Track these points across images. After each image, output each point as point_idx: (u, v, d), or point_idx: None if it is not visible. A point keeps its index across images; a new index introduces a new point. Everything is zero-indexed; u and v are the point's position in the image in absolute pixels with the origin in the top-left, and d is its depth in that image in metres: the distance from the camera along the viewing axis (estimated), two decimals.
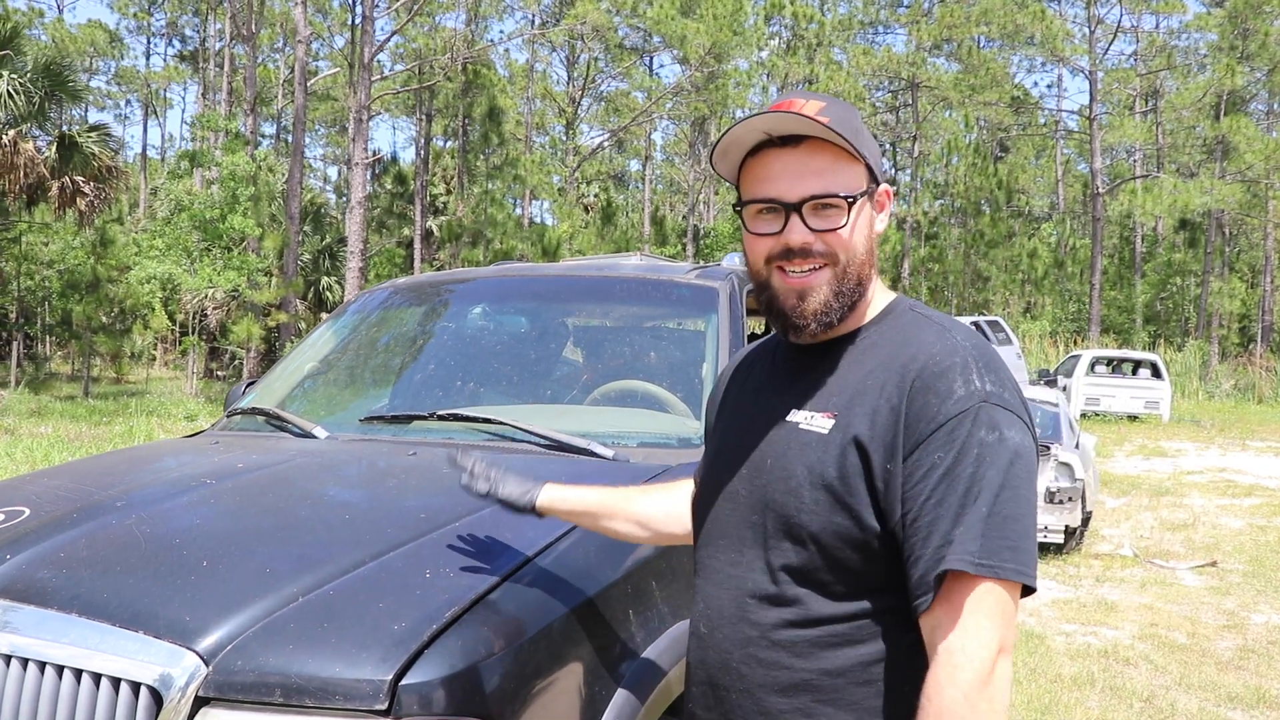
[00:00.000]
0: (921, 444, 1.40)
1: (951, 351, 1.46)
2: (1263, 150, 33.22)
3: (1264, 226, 40.91)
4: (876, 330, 1.57)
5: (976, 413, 1.40)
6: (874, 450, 1.43)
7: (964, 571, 1.34)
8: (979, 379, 1.43)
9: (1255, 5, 32.17)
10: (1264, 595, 7.45)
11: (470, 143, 36.28)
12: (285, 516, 2.15)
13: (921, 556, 1.38)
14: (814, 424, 1.50)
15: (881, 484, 1.42)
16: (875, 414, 1.44)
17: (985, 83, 39.69)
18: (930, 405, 1.41)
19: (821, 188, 1.50)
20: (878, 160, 1.57)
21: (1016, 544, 1.36)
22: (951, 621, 1.35)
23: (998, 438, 1.39)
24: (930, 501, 1.38)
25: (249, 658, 1.61)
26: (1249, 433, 21.10)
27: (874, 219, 1.59)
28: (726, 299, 3.39)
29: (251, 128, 25.68)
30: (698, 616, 1.64)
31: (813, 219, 1.51)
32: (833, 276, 1.52)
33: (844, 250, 1.52)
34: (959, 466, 1.38)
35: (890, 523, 1.42)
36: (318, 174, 57.32)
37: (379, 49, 24.61)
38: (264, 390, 3.48)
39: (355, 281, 21.13)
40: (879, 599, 1.45)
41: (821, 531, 1.45)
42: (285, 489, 2.33)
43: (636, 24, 38.75)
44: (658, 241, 39.72)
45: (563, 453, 2.71)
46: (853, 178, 1.52)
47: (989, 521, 1.35)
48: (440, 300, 3.83)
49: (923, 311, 1.58)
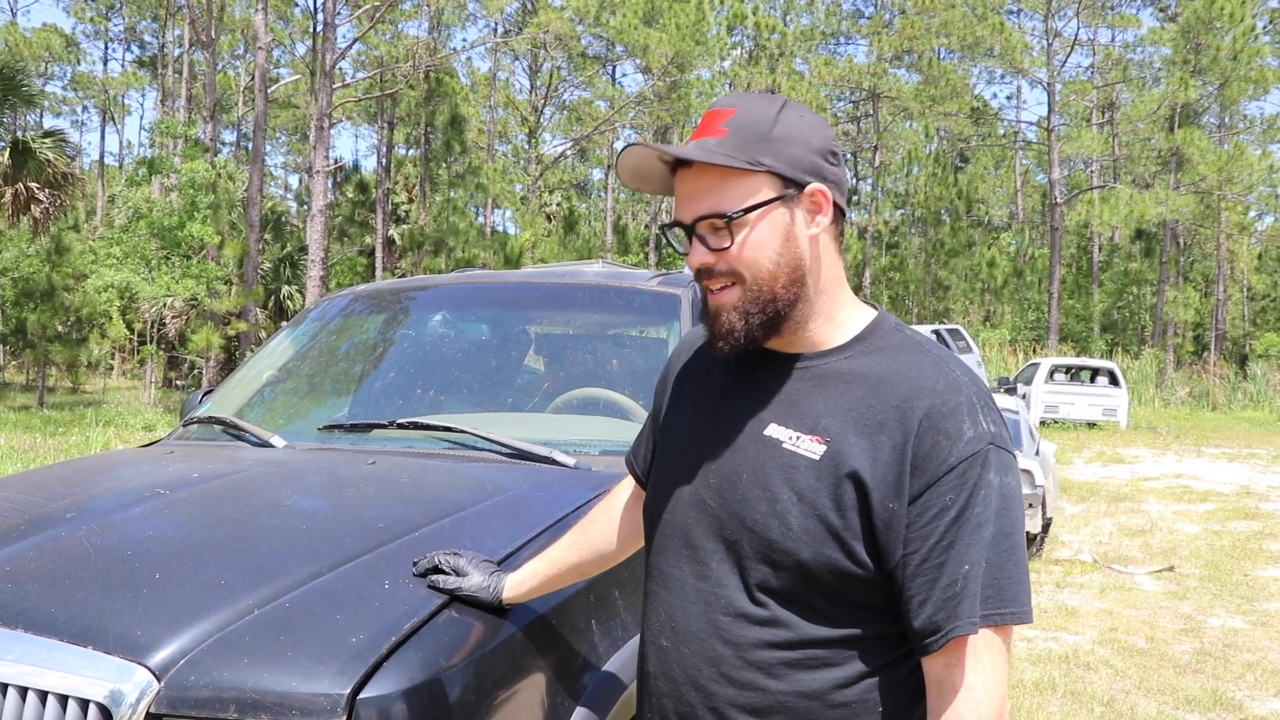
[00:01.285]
0: (933, 485, 1.38)
1: (956, 390, 1.43)
2: (1215, 162, 33.74)
3: (1217, 237, 41.58)
4: (861, 351, 1.51)
5: (985, 456, 1.39)
6: (874, 489, 1.39)
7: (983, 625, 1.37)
8: (985, 420, 1.42)
9: (1207, 21, 32.68)
10: (1219, 599, 7.54)
11: (432, 151, 36.14)
12: (241, 527, 2.10)
13: (930, 599, 1.37)
14: (801, 446, 1.45)
15: (882, 523, 1.39)
16: (876, 451, 1.40)
17: (945, 93, 40.07)
18: (941, 447, 1.38)
19: (707, 208, 1.46)
20: (803, 160, 1.47)
21: (1017, 587, 1.39)
22: (971, 660, 1.38)
23: (1002, 482, 1.40)
24: (941, 544, 1.37)
25: (203, 672, 1.57)
26: (1204, 439, 21.40)
27: (794, 226, 1.47)
28: (689, 306, 3.38)
29: (211, 135, 25.44)
30: (657, 627, 1.59)
31: (710, 239, 1.47)
32: (740, 295, 1.47)
33: (745, 267, 1.46)
34: (969, 511, 1.38)
35: (888, 563, 1.40)
36: (278, 182, 56.88)
37: (341, 56, 24.44)
38: (221, 399, 3.42)
39: (316, 290, 20.95)
40: (861, 624, 1.44)
41: (812, 561, 1.41)
42: (241, 499, 2.28)
43: (599, 33, 38.78)
44: (620, 250, 39.76)
45: (524, 461, 2.69)
46: (746, 191, 1.45)
47: (999, 570, 1.38)
48: (400, 308, 3.79)
49: (911, 336, 1.53)
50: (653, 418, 1.79)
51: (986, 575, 1.37)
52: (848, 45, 50.19)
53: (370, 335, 3.71)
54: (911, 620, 1.39)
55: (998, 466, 1.40)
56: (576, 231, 40.58)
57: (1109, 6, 37.72)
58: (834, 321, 1.53)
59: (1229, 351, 42.81)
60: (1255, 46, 33.66)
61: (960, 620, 1.35)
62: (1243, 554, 9.23)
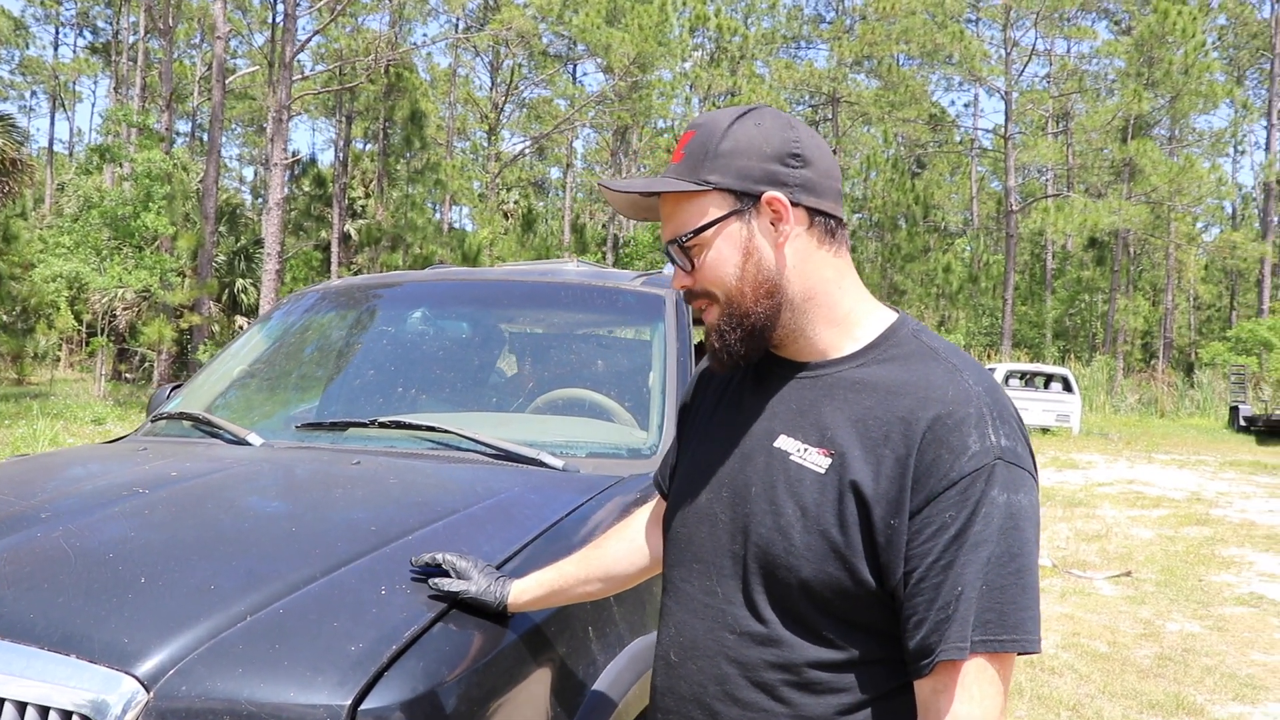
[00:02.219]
0: (932, 501, 1.31)
1: (965, 400, 1.35)
2: (1166, 174, 34.26)
3: (1166, 247, 42.23)
4: (875, 359, 1.44)
5: (991, 471, 1.31)
6: (876, 504, 1.33)
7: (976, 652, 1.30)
8: (994, 433, 1.33)
9: (1159, 35, 33.18)
10: (1176, 604, 7.62)
11: (391, 146, 35.87)
12: (227, 529, 2.02)
13: (925, 620, 1.30)
14: (808, 459, 1.40)
15: (883, 539, 1.33)
16: (880, 464, 1.34)
17: (904, 100, 40.39)
18: (943, 461, 1.31)
19: (670, 232, 1.49)
20: (752, 170, 1.43)
21: (1023, 614, 1.30)
22: (956, 687, 1.30)
23: (1008, 500, 1.31)
24: (939, 563, 1.30)
25: (194, 682, 1.49)
26: (1154, 445, 21.72)
27: (754, 238, 1.44)
28: (673, 307, 3.34)
29: (167, 124, 25.01)
30: (667, 641, 1.55)
31: (682, 261, 1.49)
32: (718, 314, 1.47)
33: (713, 286, 1.46)
34: (970, 529, 1.29)
35: (890, 581, 1.33)
36: (233, 174, 56.17)
37: (300, 48, 24.15)
38: (191, 394, 3.33)
39: (272, 284, 20.69)
40: (865, 647, 1.38)
41: (813, 578, 1.36)
42: (224, 499, 2.20)
43: (561, 31, 38.70)
44: (578, 249, 39.67)
45: (510, 463, 2.63)
46: (696, 212, 1.45)
47: (1001, 593, 1.29)
48: (377, 304, 3.71)
49: (929, 342, 1.45)
50: (677, 435, 1.74)
51: (986, 599, 1.28)
52: (809, 49, 50.59)
53: (346, 332, 3.62)
54: (907, 641, 1.33)
55: (1005, 483, 1.31)
56: (534, 230, 40.44)
57: (1065, 18, 38.18)
58: (841, 327, 1.47)
59: (1176, 360, 43.53)
60: (1205, 62, 34.25)
61: (948, 644, 1.28)
62: (1196, 559, 9.34)
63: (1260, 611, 7.46)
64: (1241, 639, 6.69)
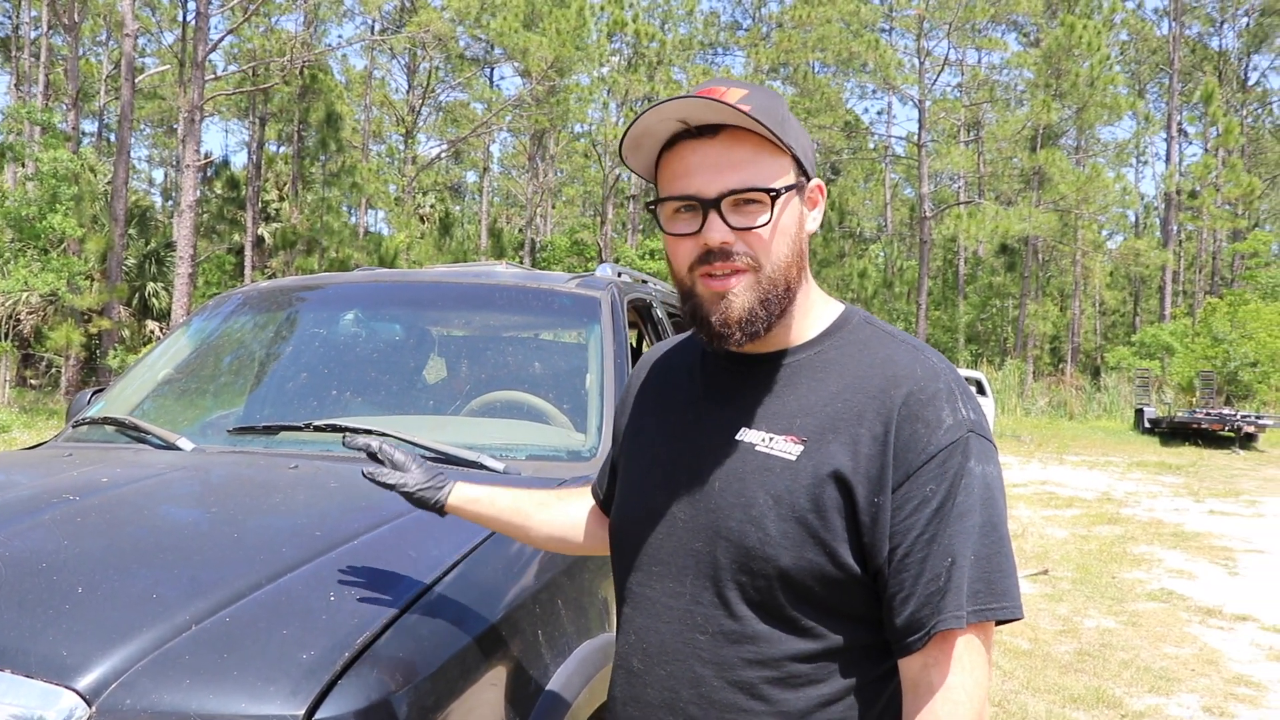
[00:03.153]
0: (912, 475, 1.31)
1: (934, 376, 1.36)
2: (1074, 182, 35.17)
3: (1074, 254, 43.40)
4: (832, 346, 1.44)
5: (966, 443, 1.32)
6: (858, 484, 1.32)
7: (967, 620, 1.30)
8: (963, 406, 1.35)
9: (1066, 48, 34.03)
10: (1092, 601, 7.81)
11: (305, 148, 35.28)
12: (166, 536, 1.95)
13: (913, 595, 1.30)
14: (775, 447, 1.38)
15: (868, 519, 1.32)
16: (857, 444, 1.33)
17: (819, 107, 40.93)
18: (920, 435, 1.32)
19: (741, 181, 1.35)
20: (808, 153, 1.44)
21: (1008, 581, 1.32)
22: (947, 659, 1.30)
23: (983, 471, 1.33)
24: (923, 537, 1.30)
25: (139, 695, 1.43)
26: (1064, 447, 22.28)
27: (804, 218, 1.44)
28: (609, 309, 3.32)
29: (73, 124, 24.28)
30: (628, 650, 1.50)
31: (733, 216, 1.36)
32: (755, 281, 1.37)
33: (765, 252, 1.37)
34: (950, 501, 1.31)
35: (875, 561, 1.33)
36: (142, 176, 54.69)
37: (212, 48, 23.64)
38: (114, 399, 3.22)
39: (185, 288, 20.20)
40: (844, 634, 1.36)
41: (792, 566, 1.33)
42: (160, 505, 2.13)
43: (479, 34, 38.46)
44: (495, 254, 39.44)
45: (451, 465, 2.59)
46: (778, 170, 1.38)
47: (987, 562, 1.31)
48: (307, 306, 3.63)
49: (883, 327, 1.47)
50: (615, 442, 1.70)
51: (975, 568, 1.29)
52: (725, 56, 50.97)
53: (275, 334, 3.54)
54: (894, 618, 1.32)
55: (979, 454, 1.33)
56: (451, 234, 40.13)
57: (977, 29, 39.01)
58: (807, 317, 1.47)
59: (1083, 364, 44.72)
60: (1109, 75, 35.23)
61: (945, 614, 1.28)
62: (1109, 557, 9.59)
63: (1170, 606, 7.69)
64: (1154, 633, 6.88)
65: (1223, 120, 39.62)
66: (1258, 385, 30.35)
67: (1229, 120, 39.98)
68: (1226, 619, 7.36)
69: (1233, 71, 50.08)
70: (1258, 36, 48.10)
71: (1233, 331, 31.22)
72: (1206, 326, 32.95)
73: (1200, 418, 23.36)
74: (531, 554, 2.09)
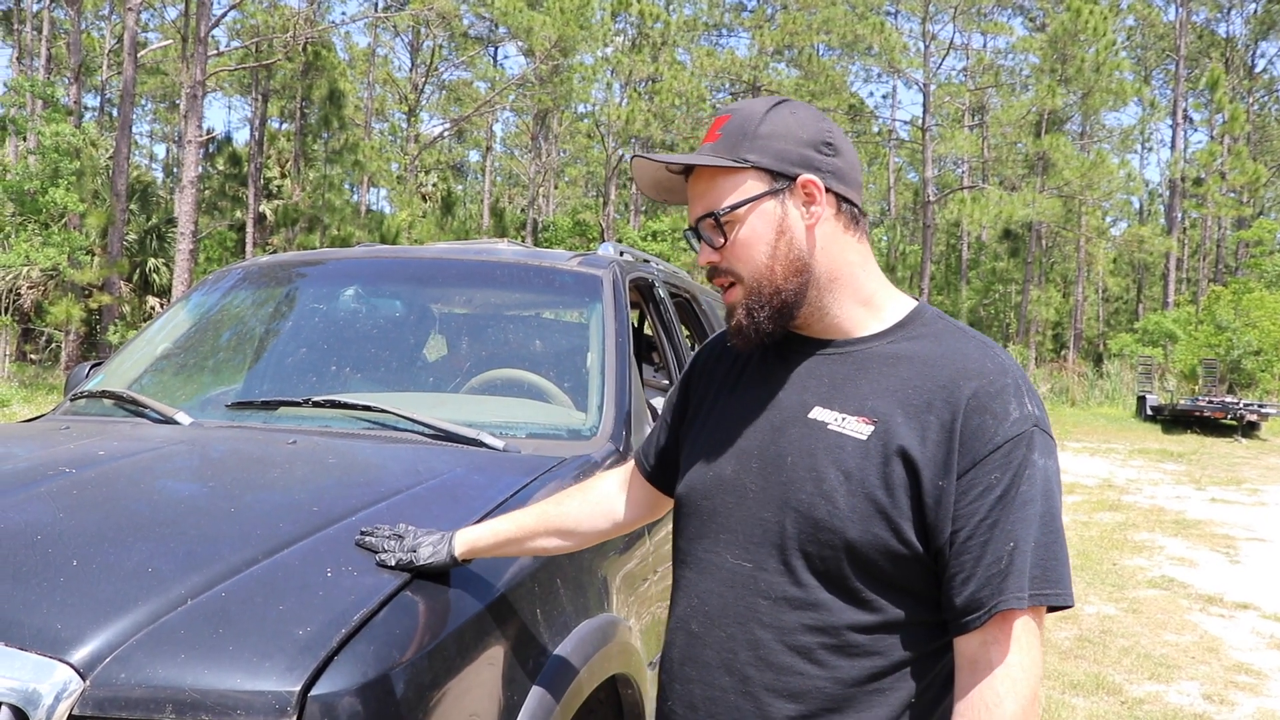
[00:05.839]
0: (978, 464, 1.38)
1: (1003, 371, 1.44)
2: (1078, 168, 35.05)
3: (1077, 240, 43.27)
4: (905, 337, 1.52)
5: (1031, 437, 1.40)
6: (924, 466, 1.40)
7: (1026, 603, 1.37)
8: (1029, 402, 1.43)
9: (1073, 33, 33.87)
10: (1093, 587, 7.81)
11: (308, 126, 35.12)
12: (163, 510, 1.93)
13: (973, 576, 1.37)
14: (847, 427, 1.46)
15: (931, 501, 1.39)
16: (925, 429, 1.41)
17: (824, 89, 40.71)
18: (987, 426, 1.39)
19: (702, 208, 1.53)
20: (790, 153, 1.50)
21: (1063, 569, 1.39)
22: (1006, 638, 1.37)
23: (1045, 464, 1.40)
24: (986, 522, 1.37)
25: (134, 669, 1.42)
26: (1065, 434, 22.24)
27: (789, 217, 1.51)
28: (610, 287, 3.30)
29: (75, 98, 24.17)
30: (688, 613, 1.58)
31: (711, 238, 1.53)
32: (743, 291, 1.52)
33: (741, 263, 1.51)
34: (1014, 490, 1.37)
35: (937, 541, 1.40)
36: (144, 151, 54.52)
37: (215, 23, 23.54)
38: (112, 373, 3.20)
39: (186, 264, 20.15)
40: (903, 609, 1.43)
41: (859, 540, 1.41)
42: (157, 479, 2.11)
43: (483, 13, 38.31)
44: (497, 233, 39.33)
45: (450, 443, 2.57)
46: (729, 189, 1.51)
47: (1046, 550, 1.37)
48: (307, 281, 3.61)
49: (953, 322, 1.55)
50: (676, 411, 1.78)
51: (1035, 554, 1.36)
52: (730, 38, 50.77)
53: (275, 310, 3.52)
54: (954, 597, 1.39)
55: (1042, 448, 1.40)
56: (453, 213, 40.05)
57: (983, 13, 38.83)
58: (867, 308, 1.55)
59: (1086, 350, 44.66)
60: (1115, 61, 35.07)
61: (1007, 595, 1.35)
62: (1110, 544, 9.59)
63: (1171, 594, 7.69)
64: (1155, 620, 6.88)
65: (1228, 107, 39.43)
66: (1261, 374, 30.30)
67: (1235, 107, 39.79)
68: (1227, 607, 7.36)
69: (1239, 58, 49.82)
70: (1265, 23, 47.80)
71: (1236, 320, 31.13)
72: (1210, 314, 32.86)
73: (1203, 405, 23.29)
74: None
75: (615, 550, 2.43)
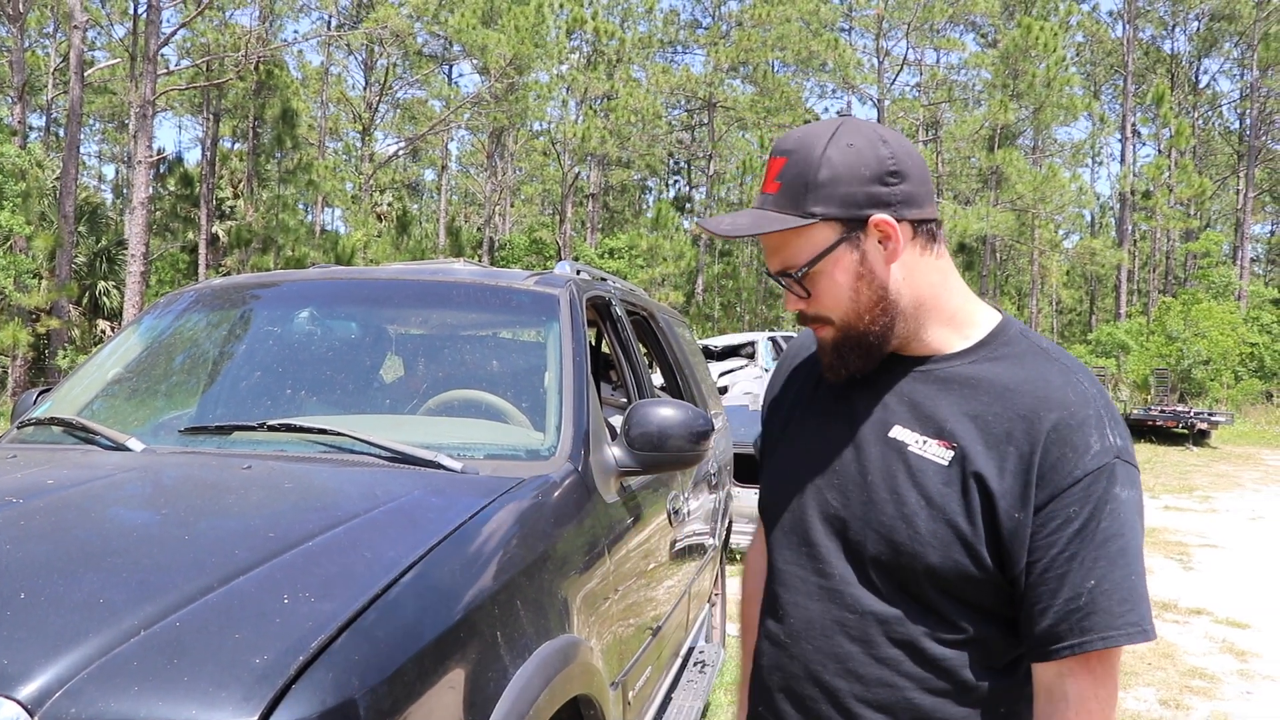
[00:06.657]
0: (1057, 497, 1.39)
1: (1085, 402, 1.43)
2: (1031, 182, 35.58)
3: (1031, 253, 43.84)
4: (986, 357, 1.51)
5: (1113, 470, 1.40)
6: (1001, 497, 1.41)
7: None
8: (1111, 433, 1.42)
9: (1024, 49, 34.41)
10: None
11: (261, 145, 34.89)
12: (114, 539, 1.89)
13: (1050, 608, 1.39)
14: (928, 450, 1.47)
15: (1007, 531, 1.41)
16: (1003, 460, 1.42)
17: (779, 105, 41.03)
18: (1067, 459, 1.39)
19: (778, 265, 1.52)
20: (857, 196, 1.44)
21: (1143, 604, 1.39)
22: (1085, 673, 1.39)
23: (1127, 496, 1.41)
24: (1064, 555, 1.38)
25: (85, 703, 1.38)
26: None
27: (866, 260, 1.47)
28: (567, 306, 3.30)
29: (19, 118, 23.84)
30: (775, 626, 1.61)
31: (794, 289, 1.52)
32: (833, 334, 1.53)
33: (829, 311, 1.51)
34: (1093, 523, 1.38)
35: (1013, 569, 1.42)
36: (92, 172, 53.85)
37: (165, 42, 23.32)
38: (61, 399, 3.14)
39: (137, 287, 19.90)
40: (980, 625, 1.46)
41: (939, 564, 1.43)
42: (108, 508, 2.07)
43: (437, 31, 38.19)
44: (453, 252, 39.18)
45: (408, 465, 2.55)
46: (805, 244, 1.48)
47: (1127, 586, 1.38)
48: (262, 304, 3.57)
49: (1038, 341, 1.53)
50: (771, 409, 1.78)
51: (1118, 592, 1.37)
52: (685, 54, 51.04)
53: (228, 332, 3.48)
54: (1031, 628, 1.41)
55: (1124, 480, 1.40)
56: (409, 233, 39.81)
57: (935, 30, 39.34)
58: (952, 325, 1.54)
59: None
60: (1065, 76, 35.66)
61: (1091, 635, 1.36)
62: None
63: None
64: None
65: (1174, 122, 40.22)
66: (1210, 383, 30.84)
67: (1180, 122, 40.60)
68: (1181, 613, 7.47)
69: (1184, 74, 50.87)
70: (1207, 41, 48.83)
71: (1186, 330, 31.67)
72: (1161, 325, 33.42)
73: (1155, 415, 23.69)
74: (490, 554, 2.06)
75: (575, 570, 2.41)
